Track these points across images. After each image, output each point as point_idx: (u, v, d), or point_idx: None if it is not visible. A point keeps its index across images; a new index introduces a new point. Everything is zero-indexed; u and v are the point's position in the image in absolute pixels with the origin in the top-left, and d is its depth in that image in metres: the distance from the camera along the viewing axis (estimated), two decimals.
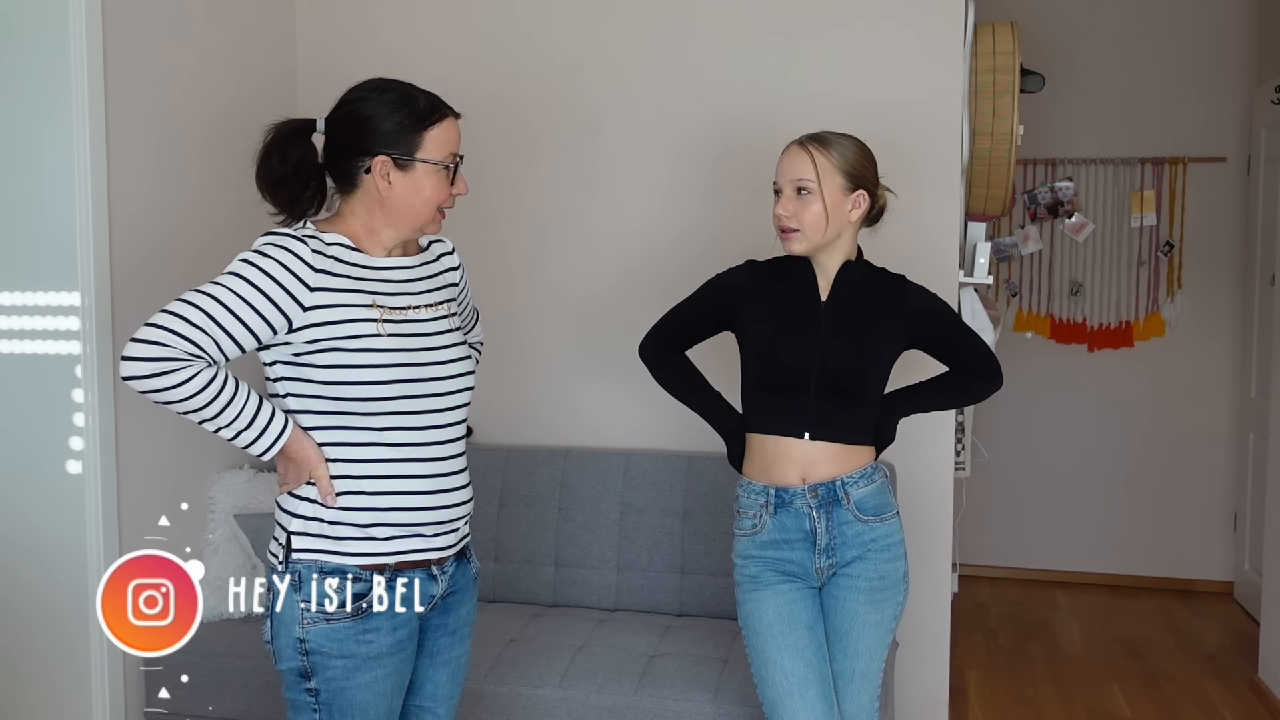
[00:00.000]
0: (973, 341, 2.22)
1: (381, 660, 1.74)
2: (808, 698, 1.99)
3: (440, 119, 1.77)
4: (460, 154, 1.81)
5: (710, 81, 3.12)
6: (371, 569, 1.73)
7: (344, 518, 1.73)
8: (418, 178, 1.74)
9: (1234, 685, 3.80)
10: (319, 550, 1.73)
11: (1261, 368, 4.43)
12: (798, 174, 2.04)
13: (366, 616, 1.73)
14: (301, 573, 1.73)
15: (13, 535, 2.67)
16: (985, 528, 5.00)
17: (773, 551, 2.07)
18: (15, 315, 2.64)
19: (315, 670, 1.73)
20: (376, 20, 3.35)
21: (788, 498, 2.05)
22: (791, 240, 2.05)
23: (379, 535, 1.73)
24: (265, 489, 3.05)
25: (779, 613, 2.03)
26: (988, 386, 2.23)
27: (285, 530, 1.77)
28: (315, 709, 1.75)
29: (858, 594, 2.06)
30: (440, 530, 1.78)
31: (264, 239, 1.72)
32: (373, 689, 1.74)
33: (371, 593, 1.73)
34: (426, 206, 1.76)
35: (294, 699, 1.78)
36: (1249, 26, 4.75)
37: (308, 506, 1.74)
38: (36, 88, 2.57)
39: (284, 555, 1.75)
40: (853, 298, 2.09)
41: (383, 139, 1.73)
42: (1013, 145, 3.12)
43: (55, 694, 2.68)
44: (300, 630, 1.72)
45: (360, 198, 1.77)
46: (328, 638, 1.72)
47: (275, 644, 1.77)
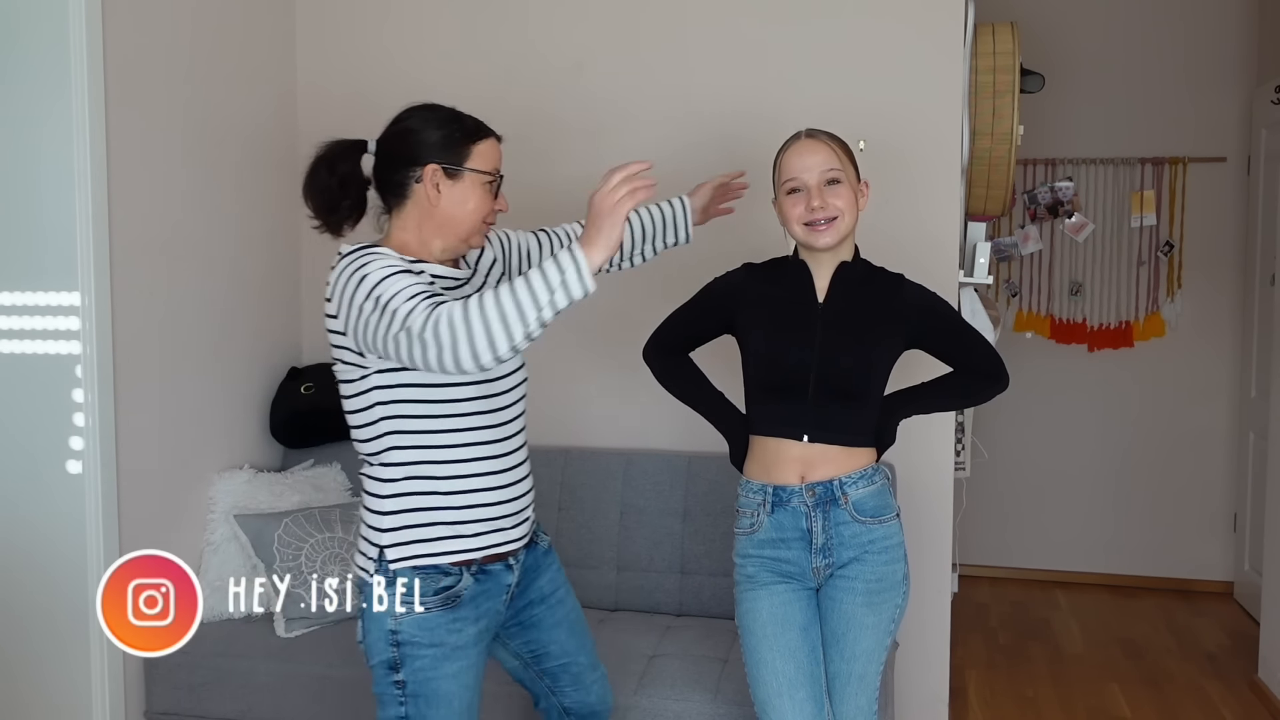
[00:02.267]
0: (976, 340, 2.18)
1: (466, 650, 1.86)
2: (797, 699, 1.99)
3: (486, 136, 1.90)
4: (502, 174, 1.91)
5: (710, 82, 3.12)
6: (460, 565, 1.85)
7: (434, 517, 1.84)
8: (465, 188, 1.85)
9: (1234, 685, 3.80)
10: (411, 555, 1.84)
11: (1261, 368, 4.43)
12: (827, 164, 2.03)
13: (456, 607, 1.84)
14: (395, 573, 1.83)
15: (13, 535, 2.67)
16: (985, 528, 5.00)
17: (770, 551, 2.06)
18: (15, 315, 2.64)
19: (404, 661, 1.83)
20: (375, 17, 3.35)
21: (785, 496, 2.04)
22: (827, 231, 2.02)
23: (466, 533, 1.86)
24: (265, 489, 3.05)
25: (773, 613, 2.03)
26: (992, 386, 2.17)
27: (376, 545, 1.86)
28: (402, 700, 1.84)
29: (855, 596, 2.04)
30: (516, 521, 1.93)
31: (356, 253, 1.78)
32: (457, 679, 1.85)
33: (459, 585, 1.84)
34: (472, 217, 1.87)
35: (381, 693, 1.87)
36: (1249, 26, 4.75)
37: (394, 519, 1.84)
38: (36, 88, 2.57)
39: (377, 563, 1.85)
40: (850, 298, 2.08)
41: (433, 149, 1.85)
42: (1013, 145, 3.12)
43: (55, 694, 2.68)
44: (393, 623, 1.82)
45: (410, 210, 1.87)
46: (419, 627, 1.82)
47: (366, 641, 1.87)
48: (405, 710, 1.85)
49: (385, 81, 3.38)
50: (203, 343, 3.02)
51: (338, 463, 3.26)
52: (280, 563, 2.87)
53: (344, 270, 1.77)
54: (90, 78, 2.56)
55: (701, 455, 3.03)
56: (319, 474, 3.20)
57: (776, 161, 2.11)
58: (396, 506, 1.85)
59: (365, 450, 1.89)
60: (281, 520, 2.93)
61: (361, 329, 1.71)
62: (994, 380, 2.17)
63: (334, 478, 3.21)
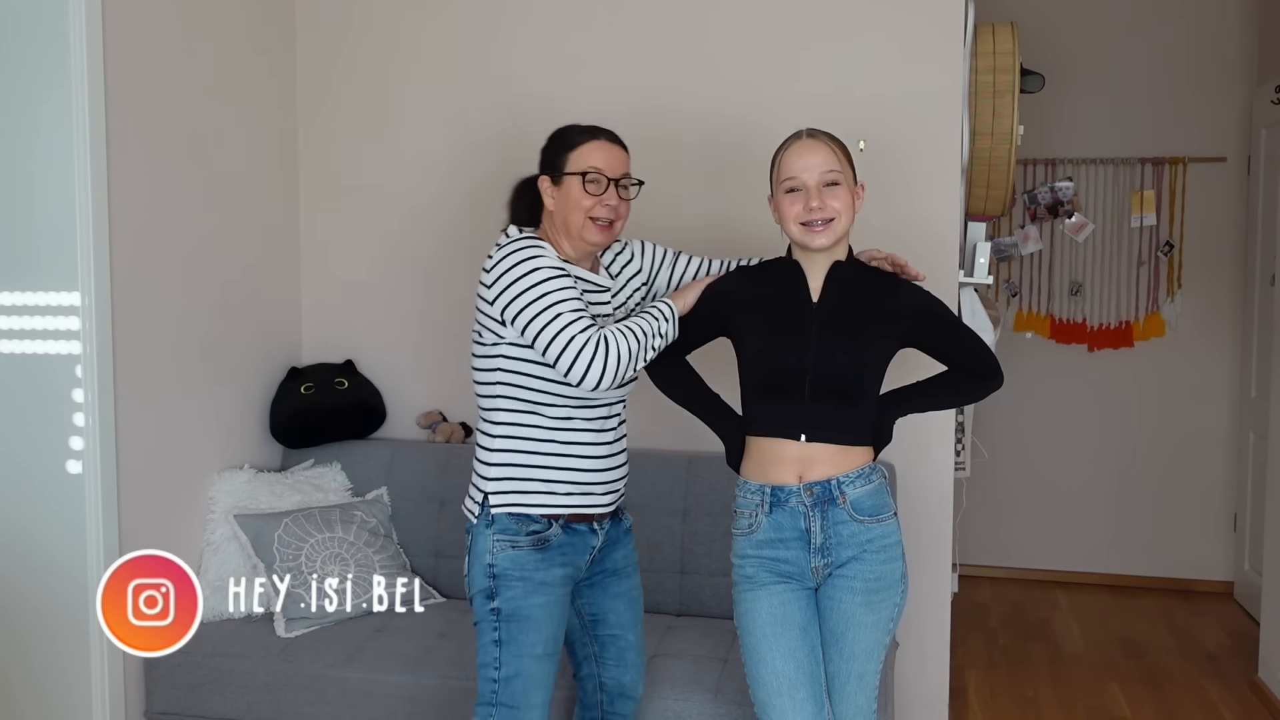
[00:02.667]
0: (970, 339, 2.19)
1: (553, 588, 2.11)
2: (798, 699, 2.00)
3: (584, 141, 2.14)
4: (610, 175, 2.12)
5: (708, 82, 3.13)
6: (550, 517, 2.12)
7: (532, 474, 2.12)
8: (566, 191, 2.12)
9: (1234, 685, 3.80)
10: (509, 503, 2.11)
11: (1261, 368, 4.43)
12: (827, 165, 2.04)
13: (545, 549, 2.11)
14: (494, 515, 2.11)
15: (12, 535, 2.67)
16: (985, 528, 5.00)
17: (768, 551, 2.06)
18: (15, 315, 2.64)
19: (499, 590, 2.09)
20: (374, 14, 3.36)
21: (783, 496, 2.05)
22: (825, 232, 2.03)
23: (559, 492, 2.12)
24: (265, 489, 3.05)
25: (772, 614, 2.04)
26: (987, 385, 2.18)
27: (482, 491, 2.14)
28: (496, 625, 2.10)
29: (853, 595, 2.04)
30: (605, 490, 2.18)
31: (525, 240, 2.08)
32: (545, 610, 2.10)
33: (548, 531, 2.11)
34: (574, 213, 2.11)
35: (480, 621, 2.13)
36: (1249, 26, 4.75)
37: (498, 469, 2.13)
38: (36, 88, 2.57)
39: (481, 506, 2.13)
40: (844, 297, 2.08)
41: (544, 163, 2.18)
42: (1013, 145, 3.12)
43: (55, 694, 2.68)
44: (490, 557, 2.10)
45: (546, 214, 2.18)
46: (512, 563, 2.09)
47: (470, 574, 2.14)
48: (499, 634, 2.10)
49: (385, 81, 3.38)
50: (203, 342, 3.02)
51: (338, 462, 3.26)
52: (280, 563, 2.87)
53: (512, 252, 2.06)
54: (90, 78, 2.56)
55: (701, 455, 3.03)
56: (319, 474, 3.20)
57: (775, 160, 2.11)
58: (501, 460, 2.13)
59: (482, 406, 2.17)
60: (281, 520, 2.93)
61: (514, 311, 2.02)
62: (988, 379, 2.17)
63: (334, 477, 3.21)
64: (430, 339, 3.38)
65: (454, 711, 2.57)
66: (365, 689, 2.63)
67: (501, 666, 2.10)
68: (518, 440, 2.12)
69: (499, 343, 2.09)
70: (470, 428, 3.36)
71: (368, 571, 2.96)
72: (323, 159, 3.42)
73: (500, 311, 2.05)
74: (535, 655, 2.10)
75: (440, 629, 2.83)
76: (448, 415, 3.39)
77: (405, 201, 3.38)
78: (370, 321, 3.42)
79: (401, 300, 3.40)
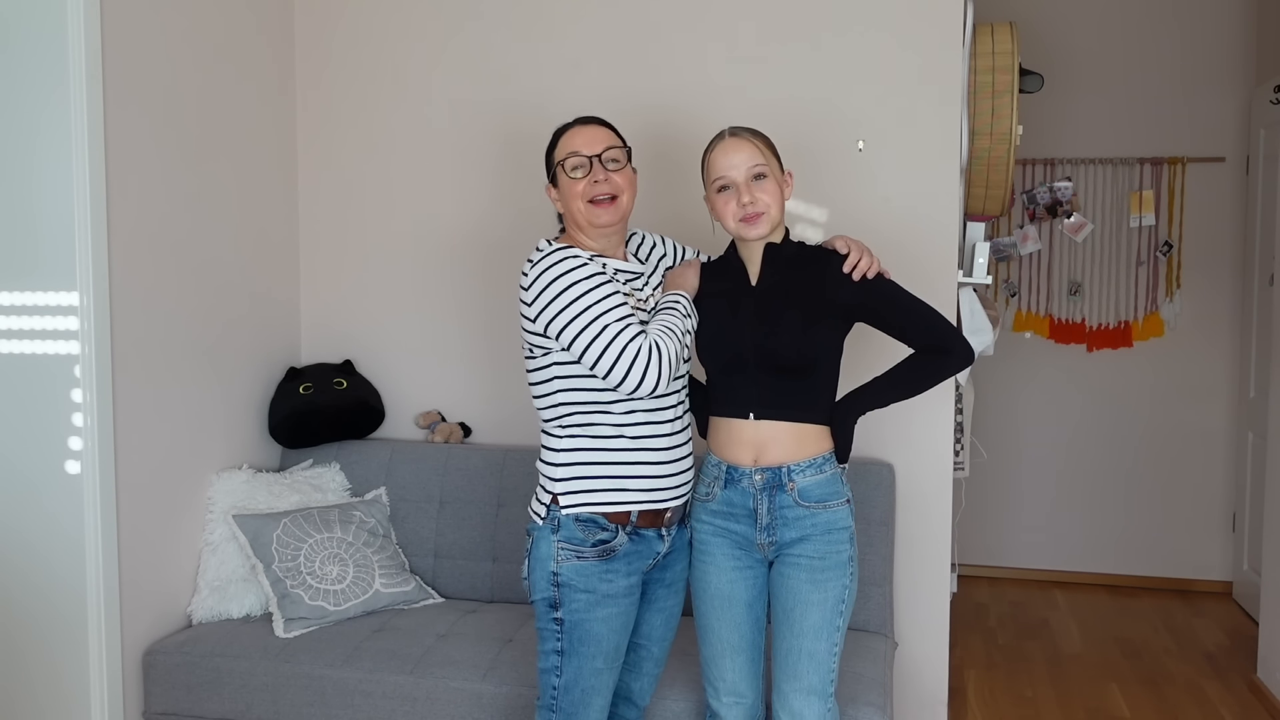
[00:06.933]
0: (922, 310, 2.14)
1: (617, 600, 2.11)
2: (738, 662, 2.21)
3: (560, 135, 2.18)
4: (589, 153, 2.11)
5: (703, 83, 3.12)
6: (617, 519, 2.10)
7: (600, 471, 2.11)
8: (561, 187, 2.16)
9: (1233, 685, 3.80)
10: (580, 503, 2.10)
11: (1260, 368, 4.44)
12: (753, 161, 2.13)
13: (611, 559, 2.10)
14: (561, 520, 2.09)
15: (11, 535, 2.67)
16: (985, 528, 5.00)
17: (721, 520, 2.19)
18: (15, 315, 2.64)
19: (563, 601, 2.09)
20: (374, 15, 3.36)
21: (737, 476, 2.17)
22: (758, 224, 2.13)
23: (629, 488, 2.11)
24: (264, 489, 3.05)
25: (720, 589, 2.19)
26: (947, 362, 2.12)
27: (550, 492, 2.12)
28: (559, 635, 2.10)
29: (799, 572, 2.14)
30: (674, 484, 2.16)
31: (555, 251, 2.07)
32: (607, 624, 2.10)
33: (614, 540, 2.09)
34: (574, 203, 2.13)
35: (542, 628, 2.13)
36: (1248, 27, 4.76)
37: (566, 470, 2.11)
38: (36, 88, 2.57)
39: (548, 508, 2.11)
40: (780, 274, 2.18)
41: (546, 169, 2.21)
42: (1012, 145, 3.12)
43: (55, 694, 2.68)
44: (554, 565, 2.09)
45: (564, 218, 2.22)
46: (577, 573, 2.08)
47: (531, 578, 2.13)
48: (561, 645, 2.10)
49: (385, 81, 3.38)
50: (201, 342, 3.02)
51: (336, 463, 3.26)
52: (279, 563, 2.87)
53: (547, 268, 2.04)
54: (89, 78, 2.56)
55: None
56: (318, 474, 3.20)
57: (704, 160, 2.20)
58: (568, 460, 2.12)
59: (543, 415, 2.15)
60: (280, 520, 2.93)
61: (558, 328, 2.02)
62: (948, 355, 2.12)
63: (332, 478, 3.21)
64: (429, 339, 3.38)
65: (454, 712, 2.58)
66: (364, 689, 2.63)
67: (563, 675, 2.11)
68: (587, 439, 2.11)
69: (549, 353, 2.10)
70: (469, 427, 3.36)
71: (367, 572, 2.96)
72: (322, 159, 3.42)
73: (544, 328, 2.05)
74: (595, 668, 2.12)
75: (439, 630, 2.83)
76: (446, 415, 3.39)
77: (405, 201, 3.38)
78: (369, 321, 3.42)
79: (400, 300, 3.40)
